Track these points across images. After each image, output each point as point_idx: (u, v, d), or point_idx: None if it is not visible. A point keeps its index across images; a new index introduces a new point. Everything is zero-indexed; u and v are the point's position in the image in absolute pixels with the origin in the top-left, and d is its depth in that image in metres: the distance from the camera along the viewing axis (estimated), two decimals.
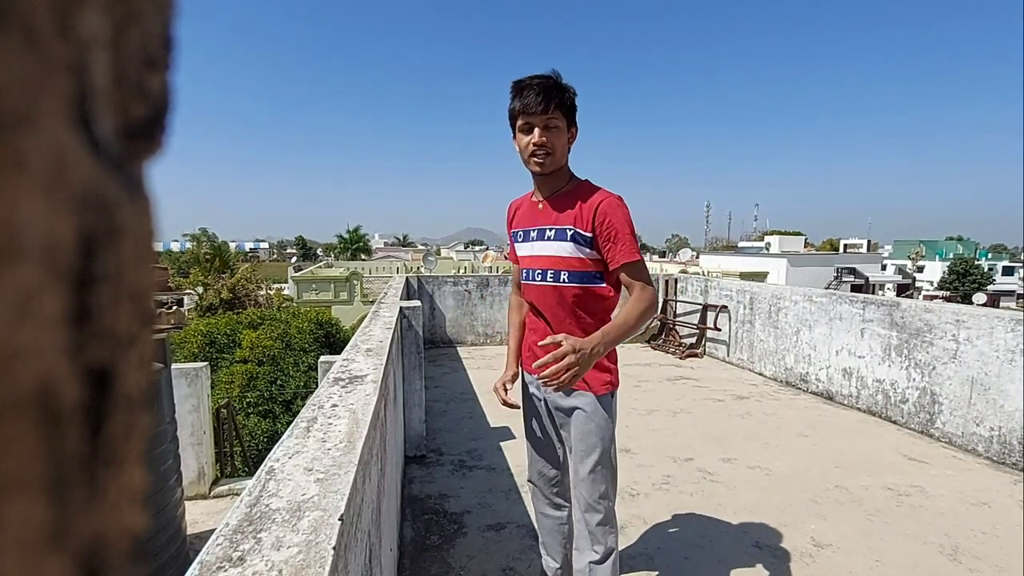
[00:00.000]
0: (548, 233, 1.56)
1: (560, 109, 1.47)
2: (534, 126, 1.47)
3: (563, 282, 1.54)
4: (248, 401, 8.21)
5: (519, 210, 1.70)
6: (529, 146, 1.48)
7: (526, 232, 1.63)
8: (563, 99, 1.47)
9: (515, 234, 1.69)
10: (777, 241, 43.02)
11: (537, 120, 1.46)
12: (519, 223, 1.67)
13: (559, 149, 1.50)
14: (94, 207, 0.12)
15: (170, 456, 2.98)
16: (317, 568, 0.65)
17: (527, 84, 1.48)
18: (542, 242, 1.57)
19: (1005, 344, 3.22)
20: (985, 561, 2.24)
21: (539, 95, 1.44)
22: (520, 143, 1.52)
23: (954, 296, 33.64)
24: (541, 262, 1.57)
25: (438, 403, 4.28)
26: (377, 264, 35.59)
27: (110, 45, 0.13)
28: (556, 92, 1.46)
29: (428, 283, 6.53)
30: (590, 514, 1.56)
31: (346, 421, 1.18)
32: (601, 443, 1.55)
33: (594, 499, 1.55)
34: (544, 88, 1.45)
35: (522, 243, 1.65)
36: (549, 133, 1.47)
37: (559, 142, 1.49)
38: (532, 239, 1.61)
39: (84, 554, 0.12)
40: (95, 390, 0.13)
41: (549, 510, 1.77)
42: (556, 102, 1.45)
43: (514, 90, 1.50)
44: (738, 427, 3.86)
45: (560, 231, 1.53)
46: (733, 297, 5.84)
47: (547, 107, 1.44)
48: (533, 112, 1.45)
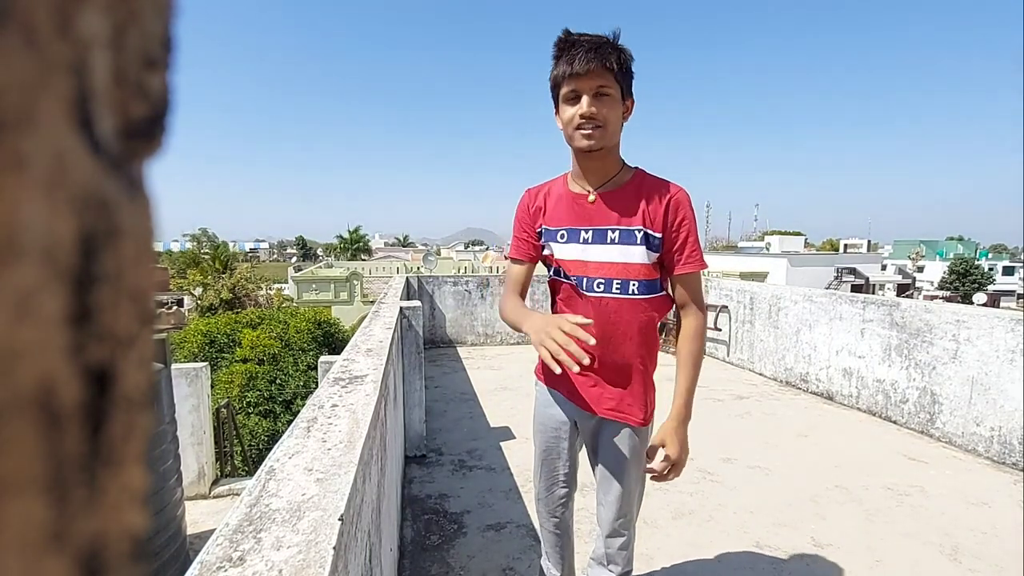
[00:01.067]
0: (611, 235, 1.29)
1: (614, 73, 1.19)
2: (582, 94, 1.20)
3: (632, 294, 1.30)
4: (248, 401, 8.22)
5: (552, 201, 1.37)
6: (576, 118, 1.21)
7: (573, 231, 1.33)
8: (619, 60, 1.20)
9: (553, 232, 1.36)
10: (777, 241, 43.02)
11: (586, 85, 1.19)
12: (558, 219, 1.35)
13: (612, 123, 1.22)
14: (94, 207, 0.12)
15: (170, 456, 2.98)
16: (317, 568, 0.65)
17: (575, 40, 1.20)
18: (603, 245, 1.30)
19: (1005, 344, 3.22)
20: (985, 561, 2.24)
21: (589, 52, 1.17)
22: (564, 115, 1.24)
23: (954, 296, 33.64)
24: (604, 270, 1.30)
25: (438, 403, 4.28)
26: (377, 264, 35.60)
27: (110, 45, 0.13)
28: (610, 52, 1.19)
29: (428, 283, 6.53)
30: (612, 538, 1.44)
31: (346, 421, 1.18)
32: (635, 470, 1.43)
33: (619, 523, 1.43)
34: (595, 45, 1.18)
35: (566, 244, 1.34)
36: (600, 103, 1.20)
37: (613, 114, 1.22)
38: (586, 240, 1.31)
39: (84, 554, 0.12)
40: (95, 390, 0.13)
41: (552, 527, 1.59)
42: (611, 63, 1.18)
43: (559, 49, 1.23)
44: (738, 427, 3.86)
45: (627, 232, 1.28)
46: (733, 297, 5.84)
47: (600, 67, 1.17)
48: (582, 75, 1.18)
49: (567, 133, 1.26)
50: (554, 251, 1.37)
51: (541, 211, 1.39)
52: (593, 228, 1.31)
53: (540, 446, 1.53)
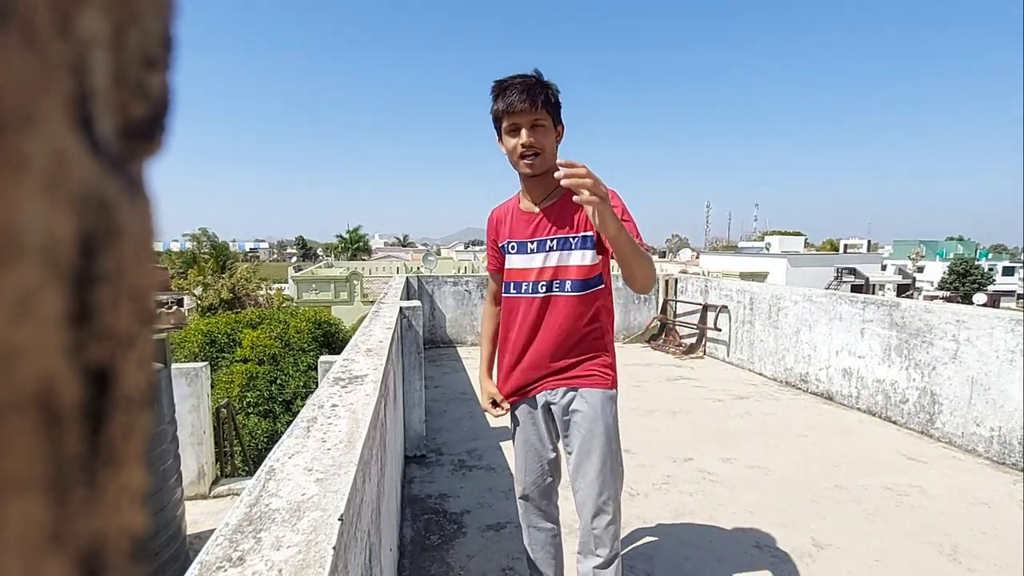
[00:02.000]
0: (550, 244, 1.50)
1: (546, 107, 1.42)
2: (520, 127, 1.42)
3: (567, 291, 1.50)
4: (248, 401, 8.22)
5: (506, 219, 1.61)
6: (517, 148, 1.43)
7: (522, 244, 1.55)
8: (547, 96, 1.43)
9: (506, 246, 1.60)
10: (777, 241, 43.03)
11: (523, 120, 1.41)
12: (511, 234, 1.58)
13: (548, 148, 1.45)
14: (94, 207, 0.12)
15: (170, 456, 2.98)
16: (317, 568, 0.65)
17: (509, 84, 1.43)
18: (543, 253, 1.51)
19: (1005, 344, 3.22)
20: (984, 561, 2.24)
21: (523, 94, 1.40)
22: (507, 145, 1.47)
23: (954, 296, 33.65)
24: (546, 274, 1.51)
25: (438, 403, 4.28)
26: (377, 264, 35.60)
27: (110, 45, 0.13)
28: (540, 90, 1.42)
29: (428, 283, 6.53)
30: (598, 517, 1.52)
31: (346, 421, 1.18)
32: (608, 443, 1.51)
33: (602, 500, 1.51)
34: (527, 87, 1.41)
35: (515, 255, 1.56)
36: (536, 133, 1.43)
37: (548, 141, 1.45)
38: (531, 251, 1.53)
39: (84, 554, 0.12)
40: (95, 390, 0.13)
41: (542, 523, 1.69)
42: (541, 100, 1.41)
43: (496, 91, 1.46)
44: (738, 427, 3.86)
45: (563, 240, 1.49)
46: (733, 297, 5.84)
47: (533, 105, 1.40)
48: (518, 111, 1.40)
49: (511, 160, 1.49)
50: (507, 263, 1.60)
51: (501, 228, 1.63)
52: (536, 239, 1.53)
53: (520, 439, 1.67)
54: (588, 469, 1.52)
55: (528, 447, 1.65)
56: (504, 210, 1.63)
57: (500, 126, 1.47)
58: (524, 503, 1.71)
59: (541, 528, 1.70)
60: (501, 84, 1.45)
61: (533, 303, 1.53)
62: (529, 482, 1.67)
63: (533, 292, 1.53)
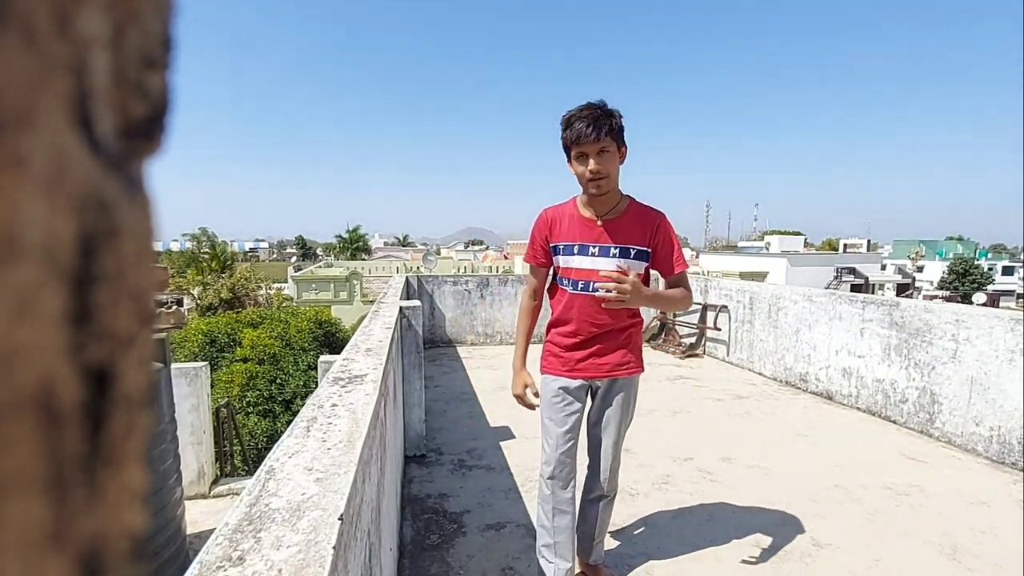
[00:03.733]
0: (613, 251, 1.72)
1: (610, 135, 1.59)
2: (588, 155, 1.61)
3: None
4: (248, 400, 8.21)
5: (564, 222, 1.78)
6: (586, 174, 1.63)
7: (583, 247, 1.74)
8: (611, 125, 1.60)
9: (564, 247, 1.78)
10: (777, 241, 43.02)
11: (591, 149, 1.60)
12: (569, 236, 1.77)
13: (613, 173, 1.65)
14: (94, 207, 0.12)
15: (170, 456, 2.98)
16: (317, 568, 0.65)
17: (576, 116, 1.60)
18: (606, 258, 1.72)
19: (1004, 344, 3.22)
20: (984, 560, 2.24)
21: (590, 126, 1.57)
22: (577, 170, 1.67)
23: (954, 296, 33.65)
24: (605, 277, 1.69)
25: (438, 403, 4.28)
26: (377, 264, 35.59)
27: (110, 45, 0.13)
28: (605, 120, 1.59)
29: (428, 283, 6.53)
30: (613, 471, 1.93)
31: (346, 421, 1.18)
32: (631, 415, 1.91)
33: (618, 459, 1.92)
34: (594, 119, 1.58)
35: (575, 256, 1.76)
36: (602, 159, 1.61)
37: (613, 166, 1.64)
38: (594, 254, 1.73)
39: (84, 554, 0.12)
40: (95, 390, 0.13)
41: (567, 505, 1.85)
42: (606, 130, 1.58)
43: (565, 123, 1.64)
44: (738, 427, 3.86)
45: (624, 249, 1.72)
46: (733, 297, 5.84)
47: (599, 136, 1.57)
48: (586, 142, 1.59)
49: (581, 182, 1.69)
50: (563, 262, 1.79)
51: (555, 229, 1.81)
52: (600, 245, 1.74)
53: (560, 414, 1.83)
54: (618, 436, 1.88)
55: (565, 430, 1.82)
56: (560, 213, 1.81)
57: (570, 153, 1.67)
58: (551, 483, 1.86)
59: (566, 511, 1.86)
60: (569, 117, 1.63)
61: (592, 300, 1.74)
62: (560, 463, 1.84)
63: (593, 291, 1.73)
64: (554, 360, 1.85)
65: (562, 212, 1.81)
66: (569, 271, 1.78)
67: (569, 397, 1.83)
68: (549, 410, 1.85)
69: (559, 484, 1.85)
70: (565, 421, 1.82)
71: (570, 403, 1.83)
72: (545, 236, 1.83)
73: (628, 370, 1.83)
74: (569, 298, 1.79)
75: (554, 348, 1.86)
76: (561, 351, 1.83)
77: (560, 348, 1.83)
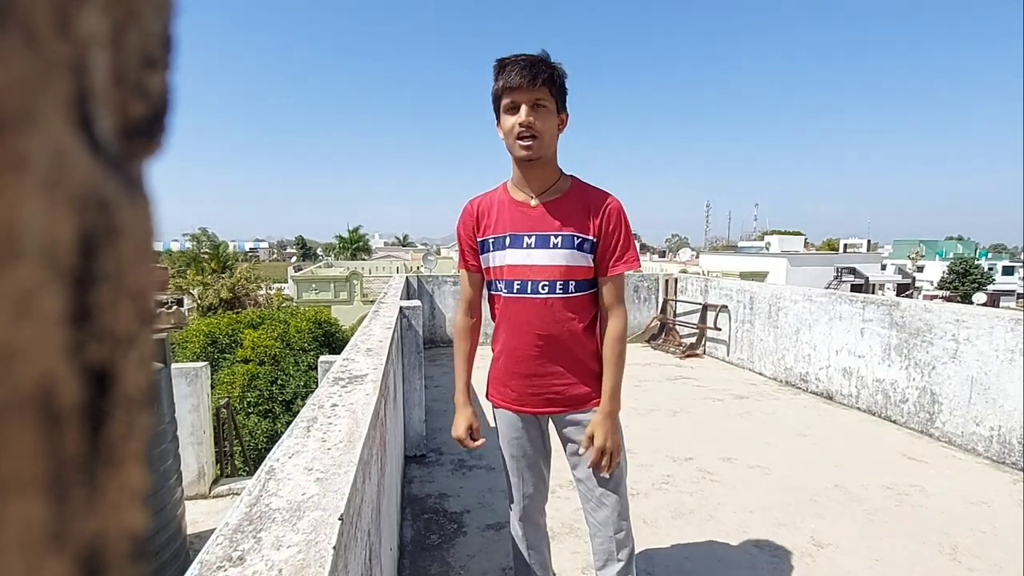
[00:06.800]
0: (554, 240, 1.37)
1: (548, 87, 1.31)
2: (520, 104, 1.31)
3: (571, 292, 1.39)
4: (248, 401, 8.22)
5: (493, 212, 1.45)
6: (515, 127, 1.32)
7: (515, 237, 1.40)
8: (552, 76, 1.32)
9: (493, 241, 1.44)
10: (777, 241, 43.03)
11: (523, 97, 1.30)
12: (498, 227, 1.43)
13: (548, 133, 1.34)
14: (94, 207, 0.12)
15: (170, 456, 2.98)
16: (317, 568, 0.65)
17: (511, 60, 1.33)
18: (546, 250, 1.38)
19: (1005, 344, 3.22)
20: (984, 560, 2.24)
21: (524, 69, 1.29)
22: (504, 125, 1.35)
23: (954, 296, 33.66)
24: (548, 272, 1.38)
25: (438, 403, 4.28)
26: (377, 264, 35.59)
27: (110, 45, 0.13)
28: (544, 68, 1.31)
29: (428, 283, 6.53)
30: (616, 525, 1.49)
31: (346, 421, 1.18)
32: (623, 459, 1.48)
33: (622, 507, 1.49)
34: (530, 63, 1.31)
35: (507, 250, 1.41)
36: (536, 114, 1.31)
37: (548, 125, 1.33)
38: (529, 245, 1.39)
39: (84, 554, 0.12)
40: (95, 390, 0.13)
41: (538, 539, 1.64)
42: (544, 78, 1.30)
43: (497, 67, 1.35)
44: (738, 427, 3.86)
45: (568, 237, 1.37)
46: (733, 297, 5.84)
47: (533, 82, 1.29)
48: (518, 87, 1.29)
49: (508, 142, 1.37)
50: (494, 259, 1.45)
51: (482, 221, 1.48)
52: (536, 234, 1.39)
53: (517, 452, 1.55)
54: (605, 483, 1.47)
55: (530, 463, 1.55)
56: (488, 201, 1.48)
57: (499, 105, 1.36)
58: (523, 525, 1.61)
59: (538, 549, 1.65)
60: (503, 61, 1.35)
61: (533, 305, 1.40)
62: (530, 501, 1.58)
63: (532, 292, 1.39)
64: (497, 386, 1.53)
65: (490, 200, 1.47)
66: (501, 270, 1.42)
67: (523, 431, 1.53)
68: (505, 432, 1.56)
69: (529, 523, 1.61)
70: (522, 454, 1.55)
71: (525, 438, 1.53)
72: (471, 231, 1.49)
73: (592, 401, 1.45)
74: (504, 305, 1.44)
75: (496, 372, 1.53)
76: (505, 377, 1.49)
77: (502, 373, 1.50)
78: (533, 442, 1.54)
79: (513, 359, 1.46)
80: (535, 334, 1.41)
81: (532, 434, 1.53)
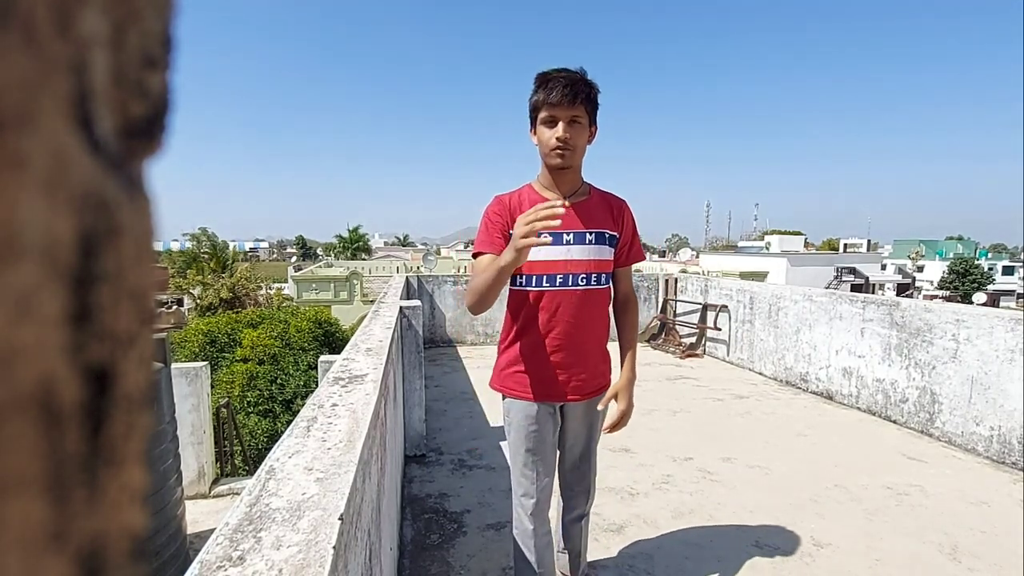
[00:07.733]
0: (588, 237, 1.53)
1: (584, 104, 1.44)
2: (558, 120, 1.43)
3: (601, 284, 1.57)
4: (248, 400, 8.21)
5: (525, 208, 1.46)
6: (552, 140, 1.44)
7: (556, 234, 1.49)
8: (589, 94, 1.45)
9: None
10: (777, 241, 43.03)
11: (562, 113, 1.43)
12: None
13: (580, 146, 1.48)
14: (94, 207, 0.12)
15: (170, 456, 2.98)
16: (317, 567, 0.65)
17: (553, 76, 1.44)
18: (583, 246, 1.53)
19: (1005, 344, 3.22)
20: (984, 560, 2.24)
21: (566, 87, 1.41)
22: (542, 136, 1.47)
23: (954, 296, 33.65)
24: (584, 266, 1.53)
25: (438, 403, 4.28)
26: (377, 264, 35.59)
27: (110, 45, 0.13)
28: (583, 86, 1.43)
29: (428, 282, 6.53)
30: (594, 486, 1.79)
31: (346, 420, 1.18)
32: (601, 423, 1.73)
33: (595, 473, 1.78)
34: (571, 81, 1.42)
35: (549, 247, 1.46)
36: (572, 128, 1.44)
37: (581, 139, 1.47)
38: (568, 242, 1.52)
39: (84, 554, 0.12)
40: (95, 390, 0.13)
41: (547, 537, 1.71)
42: (582, 96, 1.43)
43: (539, 81, 1.46)
44: (738, 427, 3.86)
45: (600, 234, 1.54)
46: (733, 297, 5.84)
47: (573, 100, 1.41)
48: (558, 104, 1.41)
49: (542, 151, 1.50)
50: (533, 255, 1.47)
51: (517, 215, 1.46)
52: (573, 231, 1.53)
53: (534, 440, 1.63)
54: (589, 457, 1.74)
55: (545, 455, 1.63)
56: (519, 198, 1.56)
57: (536, 116, 1.48)
58: (534, 519, 1.65)
59: (544, 533, 1.71)
60: (545, 76, 1.45)
61: (573, 296, 1.53)
62: (540, 490, 1.64)
63: (572, 284, 1.53)
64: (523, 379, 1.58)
65: (520, 198, 1.56)
66: (544, 264, 1.51)
67: (544, 422, 1.61)
68: (517, 423, 1.61)
69: (539, 513, 1.66)
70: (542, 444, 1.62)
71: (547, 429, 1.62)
72: (507, 221, 1.53)
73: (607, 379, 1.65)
74: (548, 298, 1.52)
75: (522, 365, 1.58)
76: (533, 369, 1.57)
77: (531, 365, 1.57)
78: (550, 434, 1.64)
79: (547, 350, 1.56)
80: (570, 323, 1.54)
81: (550, 426, 1.63)
